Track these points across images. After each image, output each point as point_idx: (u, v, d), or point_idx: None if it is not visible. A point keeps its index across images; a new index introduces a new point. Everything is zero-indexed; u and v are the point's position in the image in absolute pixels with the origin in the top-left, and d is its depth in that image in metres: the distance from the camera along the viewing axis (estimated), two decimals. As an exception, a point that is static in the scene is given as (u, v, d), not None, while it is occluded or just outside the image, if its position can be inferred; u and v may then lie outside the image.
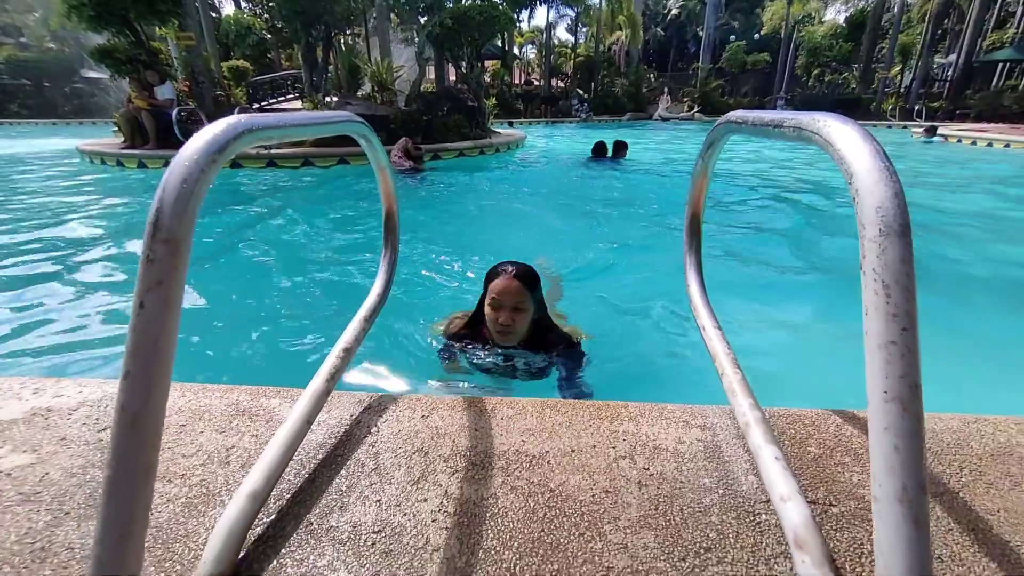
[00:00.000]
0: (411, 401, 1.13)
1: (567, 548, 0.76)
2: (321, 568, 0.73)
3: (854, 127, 0.60)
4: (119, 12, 7.40)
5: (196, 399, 1.15)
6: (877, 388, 0.49)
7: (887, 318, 0.49)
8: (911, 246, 0.50)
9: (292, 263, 3.87)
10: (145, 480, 0.51)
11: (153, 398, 0.50)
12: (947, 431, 1.03)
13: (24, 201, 5.82)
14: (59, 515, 0.83)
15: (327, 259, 3.93)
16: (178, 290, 0.52)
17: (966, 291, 3.40)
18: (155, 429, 0.51)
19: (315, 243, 4.44)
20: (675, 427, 1.04)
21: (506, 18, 10.02)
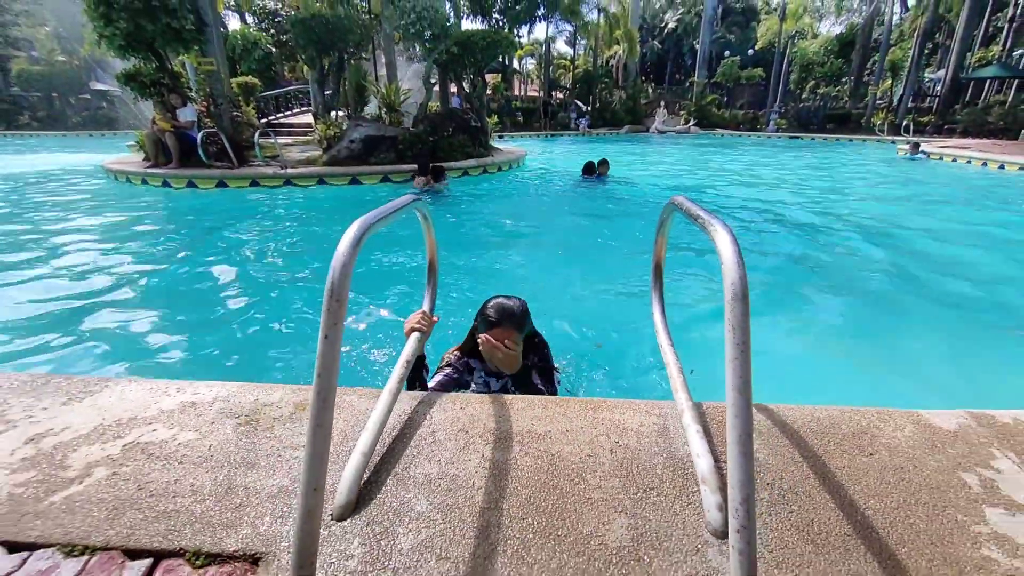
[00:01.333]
0: (453, 397, 1.58)
1: (562, 488, 1.21)
2: (407, 499, 1.17)
3: (729, 235, 1.04)
4: (146, 40, 7.90)
5: (296, 395, 1.59)
6: (730, 384, 0.94)
7: (734, 345, 0.94)
8: (748, 305, 0.94)
9: (311, 273, 4.32)
10: (324, 441, 0.95)
11: (329, 394, 0.95)
12: (826, 417, 1.48)
13: (61, 216, 6.28)
14: (229, 468, 1.27)
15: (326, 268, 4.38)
16: (341, 326, 0.97)
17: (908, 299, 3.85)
18: (329, 410, 0.95)
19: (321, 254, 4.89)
20: (639, 415, 1.48)
21: (508, 42, 10.56)
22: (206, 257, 4.88)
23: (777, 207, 7.41)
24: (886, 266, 4.72)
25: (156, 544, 1.07)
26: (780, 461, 1.30)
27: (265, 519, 1.13)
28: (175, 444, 1.37)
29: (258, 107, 16.74)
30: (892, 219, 6.63)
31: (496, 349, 1.67)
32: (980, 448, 1.36)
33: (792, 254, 5.10)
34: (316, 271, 4.48)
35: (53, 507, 1.16)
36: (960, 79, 22.36)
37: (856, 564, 1.02)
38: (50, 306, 3.59)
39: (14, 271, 4.25)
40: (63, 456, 1.33)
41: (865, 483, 1.23)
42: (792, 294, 4.08)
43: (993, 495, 1.19)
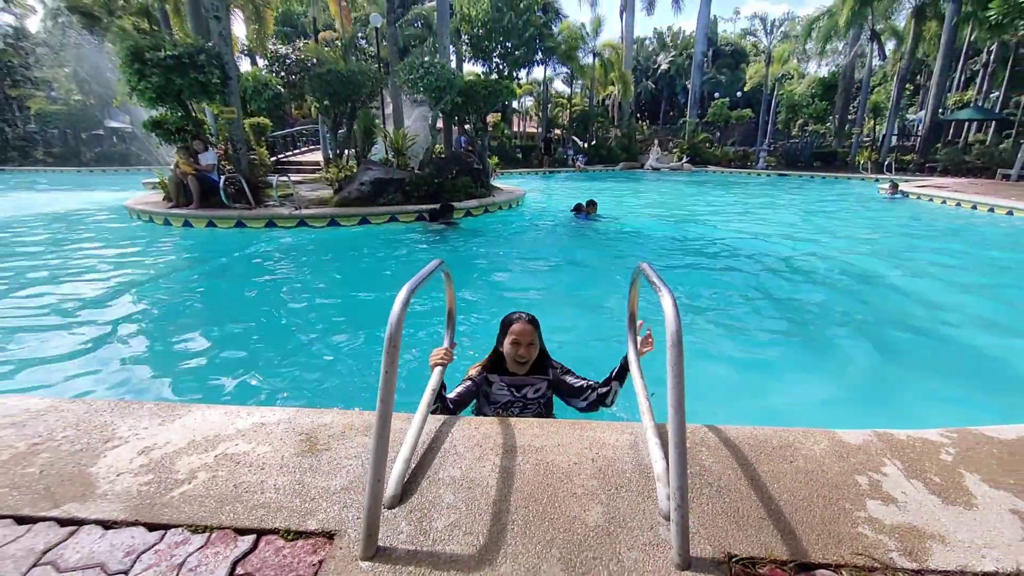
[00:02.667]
0: (468, 420, 1.99)
1: (555, 486, 1.61)
2: (439, 493, 1.57)
3: (671, 298, 1.48)
4: (175, 92, 8.57)
5: (343, 418, 2.00)
6: (670, 405, 1.35)
7: (672, 377, 1.36)
8: (682, 349, 1.36)
9: (323, 306, 4.75)
10: (383, 449, 1.36)
11: (388, 416, 1.37)
12: (761, 434, 1.89)
13: (98, 255, 6.75)
14: (300, 473, 1.67)
15: (352, 302, 4.82)
16: (396, 365, 1.39)
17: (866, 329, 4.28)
18: (387, 427, 1.37)
19: (341, 290, 5.35)
20: (615, 432, 1.89)
21: (508, 90, 11.32)
22: (243, 294, 5.33)
23: (752, 244, 7.93)
24: (844, 305, 5.17)
25: (257, 524, 1.47)
26: (720, 467, 1.71)
27: (334, 507, 1.52)
28: (255, 455, 1.78)
29: (269, 146, 17.56)
30: (858, 258, 7.14)
31: (518, 345, 2.19)
32: (876, 458, 1.76)
33: (756, 290, 5.55)
34: (341, 307, 4.92)
35: (174, 499, 1.56)
36: (939, 120, 23.43)
37: (765, 537, 1.41)
38: (97, 337, 4.00)
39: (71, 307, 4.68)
40: (170, 463, 1.73)
41: (783, 483, 1.64)
42: (747, 327, 4.52)
43: (875, 491, 1.60)
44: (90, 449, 1.80)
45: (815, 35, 25.76)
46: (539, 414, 2.34)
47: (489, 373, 2.31)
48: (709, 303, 5.15)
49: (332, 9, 17.55)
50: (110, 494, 1.59)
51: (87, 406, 2.09)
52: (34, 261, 6.46)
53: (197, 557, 1.38)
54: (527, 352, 2.20)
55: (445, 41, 12.00)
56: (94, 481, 1.64)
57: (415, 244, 7.72)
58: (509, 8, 18.84)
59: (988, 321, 4.73)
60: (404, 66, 9.40)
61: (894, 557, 1.35)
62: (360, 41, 28.68)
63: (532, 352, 2.23)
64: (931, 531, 1.44)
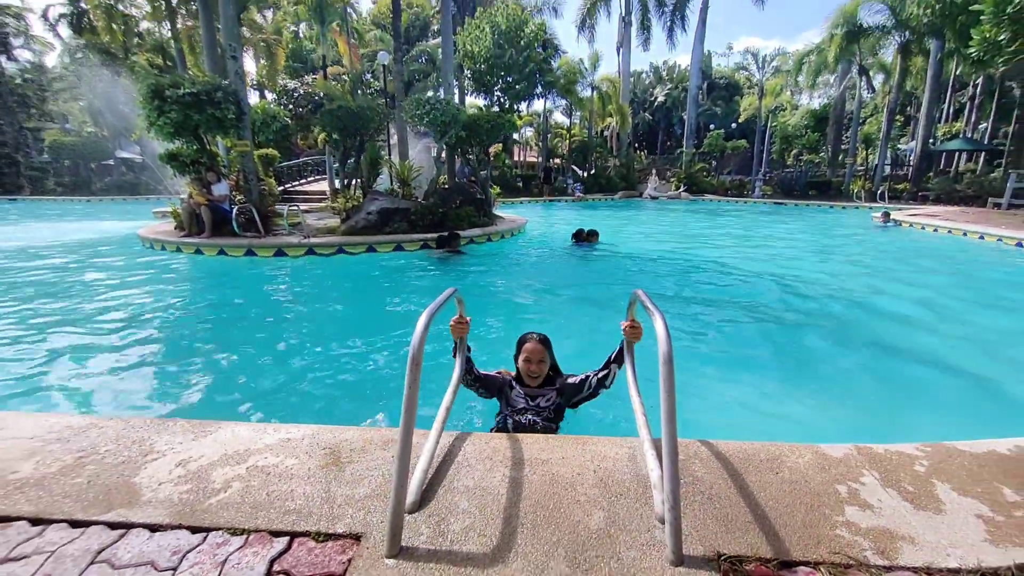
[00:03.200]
0: (480, 436, 2.14)
1: (560, 494, 1.76)
2: (454, 500, 1.72)
3: (663, 321, 1.66)
4: (192, 127, 8.95)
5: (363, 434, 2.16)
6: (664, 418, 1.52)
7: (665, 392, 1.53)
8: (672, 367, 1.54)
9: (334, 330, 4.91)
10: (407, 458, 1.53)
11: (410, 428, 1.54)
12: (750, 448, 2.04)
13: (117, 281, 6.96)
14: (326, 483, 1.82)
15: (362, 326, 4.99)
16: (418, 381, 1.57)
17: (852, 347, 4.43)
18: (410, 438, 1.54)
19: (350, 314, 5.53)
20: (615, 447, 2.05)
21: (510, 124, 11.76)
22: (254, 318, 5.52)
23: (747, 268, 8.13)
24: (834, 327, 5.35)
25: (290, 528, 1.62)
26: (712, 477, 1.86)
27: (359, 513, 1.67)
28: (284, 467, 1.93)
29: (276, 176, 18.03)
30: (848, 282, 7.34)
31: (529, 363, 2.54)
32: (855, 469, 1.91)
33: (750, 313, 5.72)
34: (352, 330, 5.08)
35: (212, 505, 1.71)
36: (929, 150, 24.03)
37: (751, 538, 1.56)
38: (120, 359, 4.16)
39: (93, 331, 4.85)
40: (206, 474, 1.88)
41: (769, 491, 1.78)
42: (739, 347, 4.70)
43: (854, 498, 1.74)
44: (132, 462, 1.96)
45: (806, 70, 26.67)
46: (549, 419, 2.57)
47: (515, 380, 2.65)
48: (704, 325, 5.31)
49: (341, 47, 18.30)
50: (154, 501, 1.74)
51: (125, 423, 2.25)
52: (54, 287, 6.66)
53: (237, 556, 1.52)
54: (538, 368, 2.53)
55: (449, 78, 12.53)
56: (138, 490, 1.79)
57: (421, 271, 7.94)
58: (510, 45, 19.60)
59: (972, 342, 4.89)
60: (411, 102, 9.84)
61: (868, 556, 1.49)
62: (366, 76, 29.70)
63: (542, 368, 2.54)
64: (902, 533, 1.58)
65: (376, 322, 5.48)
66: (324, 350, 4.54)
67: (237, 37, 9.79)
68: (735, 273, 8.03)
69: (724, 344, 4.83)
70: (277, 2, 19.13)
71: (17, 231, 13.45)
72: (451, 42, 13.12)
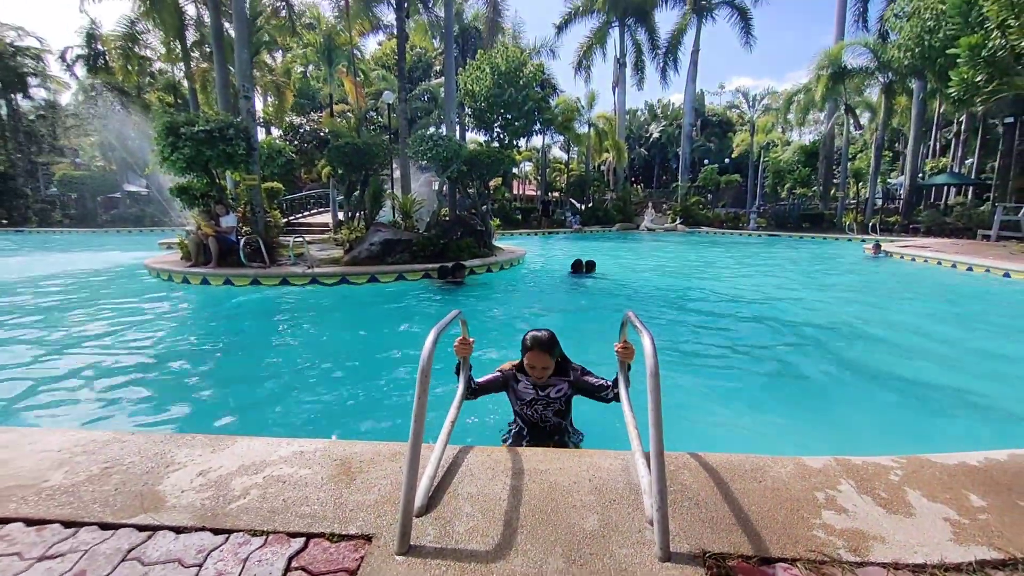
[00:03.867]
0: (482, 448, 2.28)
1: (557, 500, 1.88)
2: (458, 505, 1.85)
3: (650, 337, 1.83)
4: (203, 162, 9.32)
5: (372, 448, 2.29)
6: (651, 425, 1.67)
7: (652, 402, 1.69)
8: (659, 381, 1.70)
9: (336, 354, 5.04)
10: (416, 464, 1.67)
11: (420, 436, 1.69)
12: (736, 460, 2.17)
13: (117, 308, 7.12)
14: (338, 491, 1.95)
15: (362, 352, 5.12)
16: (427, 392, 1.73)
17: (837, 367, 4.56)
18: (419, 445, 1.69)
19: (353, 339, 5.67)
20: (609, 458, 2.18)
21: (509, 159, 12.19)
22: (261, 343, 5.67)
23: (738, 296, 8.32)
24: (820, 351, 5.51)
25: (306, 530, 1.74)
26: (699, 485, 1.99)
27: (370, 517, 1.80)
28: (298, 476, 2.06)
29: (280, 209, 18.44)
30: (835, 308, 7.54)
31: (533, 368, 2.53)
32: (833, 478, 2.04)
33: (740, 336, 5.89)
34: (356, 354, 5.22)
35: (233, 510, 1.83)
36: (919, 184, 24.69)
37: (734, 538, 1.68)
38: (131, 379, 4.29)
39: (109, 353, 5.00)
40: (226, 483, 2.01)
41: (751, 498, 1.91)
42: (729, 367, 4.86)
43: (830, 504, 1.87)
44: (154, 472, 2.09)
45: (795, 108, 27.67)
46: (559, 411, 2.64)
47: (518, 372, 2.66)
48: (697, 348, 5.46)
49: (347, 86, 19.05)
50: (178, 506, 1.86)
51: (146, 438, 2.39)
52: (66, 313, 6.82)
53: (258, 554, 1.64)
54: (542, 373, 2.54)
55: (452, 116, 13.07)
56: (163, 496, 1.92)
57: (423, 300, 8.12)
58: (509, 84, 20.40)
59: (952, 365, 5.06)
60: (415, 139, 10.27)
61: (841, 553, 1.62)
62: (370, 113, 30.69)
63: (546, 372, 2.55)
64: (874, 534, 1.71)
65: (379, 347, 5.62)
66: (329, 373, 4.68)
67: (250, 78, 10.30)
68: (728, 300, 8.23)
69: (716, 365, 4.98)
70: (287, 45, 20.02)
71: (30, 261, 13.69)
72: (453, 82, 13.73)
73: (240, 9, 9.83)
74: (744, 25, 28.57)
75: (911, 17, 18.42)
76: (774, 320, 6.85)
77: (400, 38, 13.30)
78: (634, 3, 28.10)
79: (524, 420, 2.69)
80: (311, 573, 1.56)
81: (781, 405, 4.14)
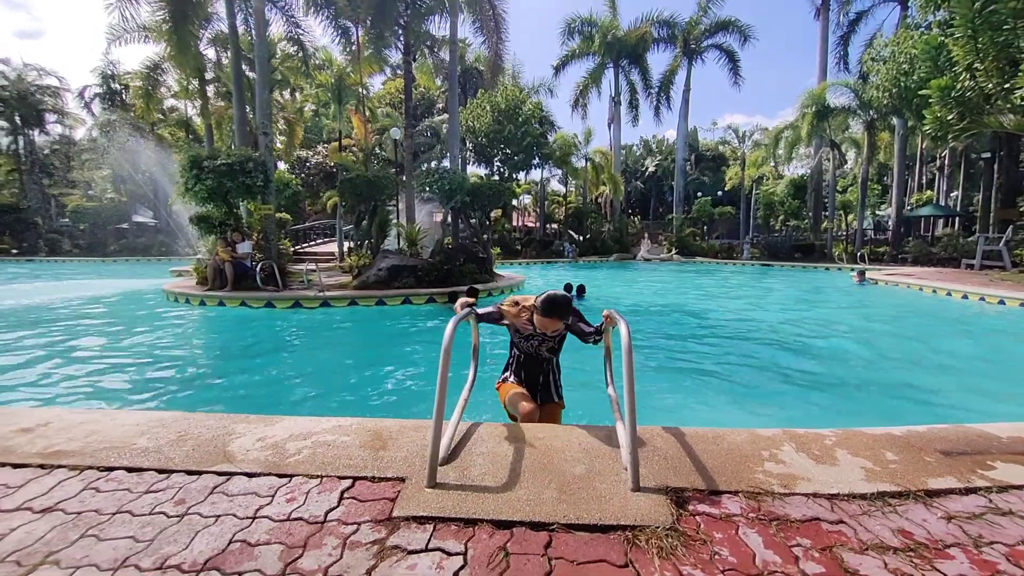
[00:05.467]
0: (490, 424, 2.73)
1: (552, 455, 2.33)
2: (473, 458, 2.29)
3: (625, 323, 2.32)
4: (223, 193, 9.97)
5: (399, 423, 2.74)
6: (625, 393, 2.14)
7: (626, 374, 2.16)
8: (632, 355, 2.18)
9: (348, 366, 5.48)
10: (439, 420, 2.14)
11: (442, 397, 2.16)
12: (703, 432, 2.62)
13: (141, 330, 7.58)
14: (374, 451, 2.39)
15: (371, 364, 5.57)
16: (449, 365, 2.21)
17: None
18: (443, 410, 2.16)
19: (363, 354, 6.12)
20: (596, 431, 2.63)
21: (510, 192, 12.89)
22: (278, 358, 6.12)
23: (729, 316, 8.81)
24: (794, 359, 6.02)
25: (351, 474, 2.18)
26: (668, 448, 2.44)
27: (402, 466, 2.24)
28: (339, 442, 2.51)
29: (289, 238, 19.12)
30: (818, 324, 8.01)
31: (544, 327, 2.79)
32: (778, 442, 2.49)
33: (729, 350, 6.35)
34: (369, 367, 5.66)
35: (290, 463, 2.28)
36: (905, 216, 25.55)
37: (692, 479, 2.13)
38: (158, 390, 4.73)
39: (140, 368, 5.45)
40: (281, 446, 2.45)
41: (710, 455, 2.36)
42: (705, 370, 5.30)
43: (772, 459, 2.32)
44: (221, 439, 2.54)
45: (783, 144, 28.83)
46: (552, 348, 2.96)
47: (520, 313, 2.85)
48: (689, 356, 5.91)
49: (355, 124, 20.03)
50: (246, 460, 2.31)
51: (206, 416, 2.84)
52: (98, 333, 7.29)
53: (316, 490, 2.09)
54: (553, 335, 2.88)
55: (455, 151, 13.87)
56: (232, 453, 2.37)
57: (428, 320, 8.59)
58: (509, 121, 21.46)
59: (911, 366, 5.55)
60: (422, 173, 10.99)
61: (774, 487, 2.07)
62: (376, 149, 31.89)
63: (556, 332, 2.87)
64: (802, 476, 2.16)
65: (388, 360, 6.07)
66: (343, 381, 5.12)
67: (269, 116, 11.09)
68: (718, 317, 8.71)
69: (693, 368, 5.44)
70: (299, 85, 21.18)
71: (49, 288, 14.21)
72: (457, 120, 14.61)
73: (262, 55, 10.70)
74: (732, 66, 30.06)
75: (888, 61, 19.59)
76: (760, 337, 7.33)
77: (407, 80, 14.26)
78: (627, 46, 29.66)
79: (520, 350, 2.98)
80: (360, 500, 2.01)
81: (753, 400, 4.60)
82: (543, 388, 3.03)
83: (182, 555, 1.68)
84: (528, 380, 3.01)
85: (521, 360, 3.02)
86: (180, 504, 1.98)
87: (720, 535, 1.79)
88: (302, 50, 14.95)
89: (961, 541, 1.76)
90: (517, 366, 3.04)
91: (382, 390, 4.84)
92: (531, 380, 3.01)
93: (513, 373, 3.06)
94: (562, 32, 29.66)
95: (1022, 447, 2.47)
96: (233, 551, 1.70)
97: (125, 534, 1.80)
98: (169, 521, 1.87)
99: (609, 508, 1.92)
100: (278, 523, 1.86)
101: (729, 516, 1.90)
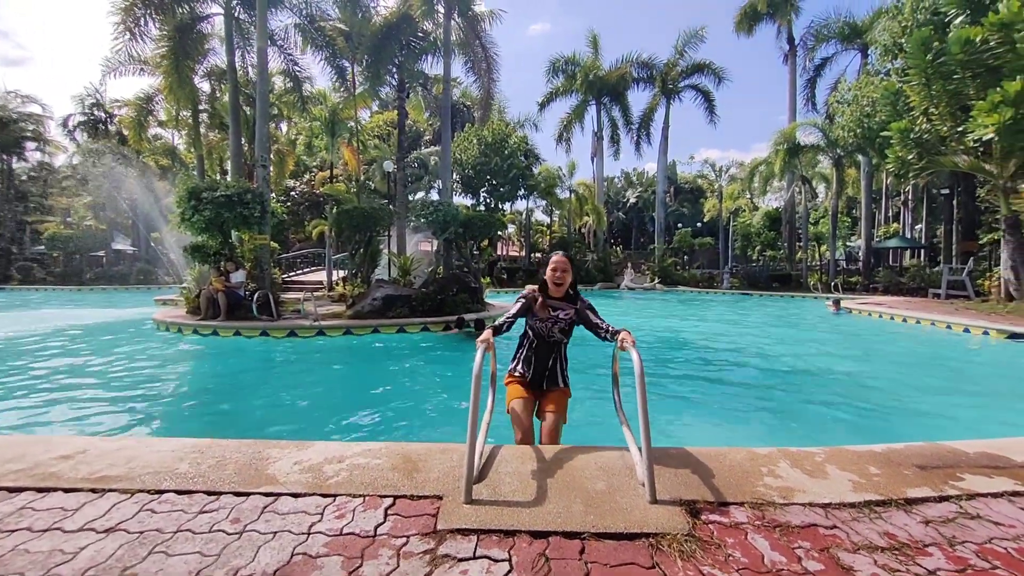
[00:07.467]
0: (511, 447, 2.93)
1: (573, 475, 2.55)
2: (501, 476, 2.49)
3: (637, 353, 2.59)
4: (220, 223, 10.10)
5: (426, 447, 2.92)
6: (640, 413, 2.39)
7: (640, 396, 2.41)
8: (644, 380, 2.44)
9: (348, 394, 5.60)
10: (473, 442, 2.35)
11: (475, 421, 2.38)
12: (707, 452, 2.87)
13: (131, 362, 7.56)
14: (406, 473, 2.58)
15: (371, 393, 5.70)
16: (479, 391, 2.44)
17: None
18: (475, 433, 2.39)
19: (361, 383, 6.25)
20: (611, 452, 2.85)
21: (500, 223, 13.28)
22: (283, 387, 6.20)
23: (708, 341, 9.17)
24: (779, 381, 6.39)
25: (391, 493, 2.36)
26: (679, 464, 2.68)
27: (437, 485, 2.43)
28: (372, 464, 2.68)
29: (281, 266, 19.12)
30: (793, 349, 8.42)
31: (554, 271, 3.06)
32: (775, 460, 2.76)
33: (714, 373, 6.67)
34: (367, 394, 5.78)
35: (331, 483, 2.45)
36: (874, 247, 26.79)
37: (701, 492, 2.36)
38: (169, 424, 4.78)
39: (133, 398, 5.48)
40: (319, 468, 2.62)
41: (715, 471, 2.60)
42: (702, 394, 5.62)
43: (770, 473, 2.58)
44: (259, 463, 2.69)
45: (757, 178, 30.19)
46: (563, 330, 3.16)
47: (538, 292, 3.17)
48: (678, 383, 6.18)
49: (347, 156, 20.42)
50: (288, 482, 2.47)
51: (239, 442, 2.98)
52: (84, 365, 7.24)
53: (361, 508, 2.26)
54: (563, 276, 3.07)
55: (447, 184, 14.29)
56: (274, 475, 2.52)
57: (423, 348, 8.74)
58: (495, 154, 22.15)
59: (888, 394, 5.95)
60: (416, 204, 11.32)
61: (774, 498, 2.32)
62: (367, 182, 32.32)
63: (566, 278, 3.08)
64: (798, 488, 2.41)
65: (385, 386, 6.21)
66: (345, 407, 5.24)
67: (268, 150, 11.36)
68: (699, 342, 9.07)
69: (688, 393, 5.71)
70: (291, 117, 21.59)
71: (30, 317, 13.91)
72: (449, 154, 15.10)
73: (263, 91, 11.05)
74: (708, 105, 31.66)
75: (851, 103, 20.97)
76: (740, 358, 7.68)
77: (400, 115, 14.76)
78: (609, 85, 31.07)
79: (534, 332, 3.18)
80: (404, 516, 2.19)
81: (746, 422, 4.88)
82: (550, 374, 3.24)
83: (251, 567, 1.84)
84: (537, 365, 3.21)
85: (533, 345, 3.20)
86: (236, 523, 2.13)
87: (732, 540, 2.02)
88: (298, 87, 15.38)
89: (938, 541, 2.02)
90: (528, 351, 3.23)
91: (393, 415, 4.98)
92: (540, 365, 3.22)
93: (522, 361, 3.26)
94: (547, 71, 30.98)
95: (987, 461, 2.77)
96: (297, 563, 1.86)
97: (192, 550, 1.94)
98: (230, 538, 2.03)
99: (632, 518, 2.14)
100: (332, 537, 2.03)
101: (738, 524, 2.14)
